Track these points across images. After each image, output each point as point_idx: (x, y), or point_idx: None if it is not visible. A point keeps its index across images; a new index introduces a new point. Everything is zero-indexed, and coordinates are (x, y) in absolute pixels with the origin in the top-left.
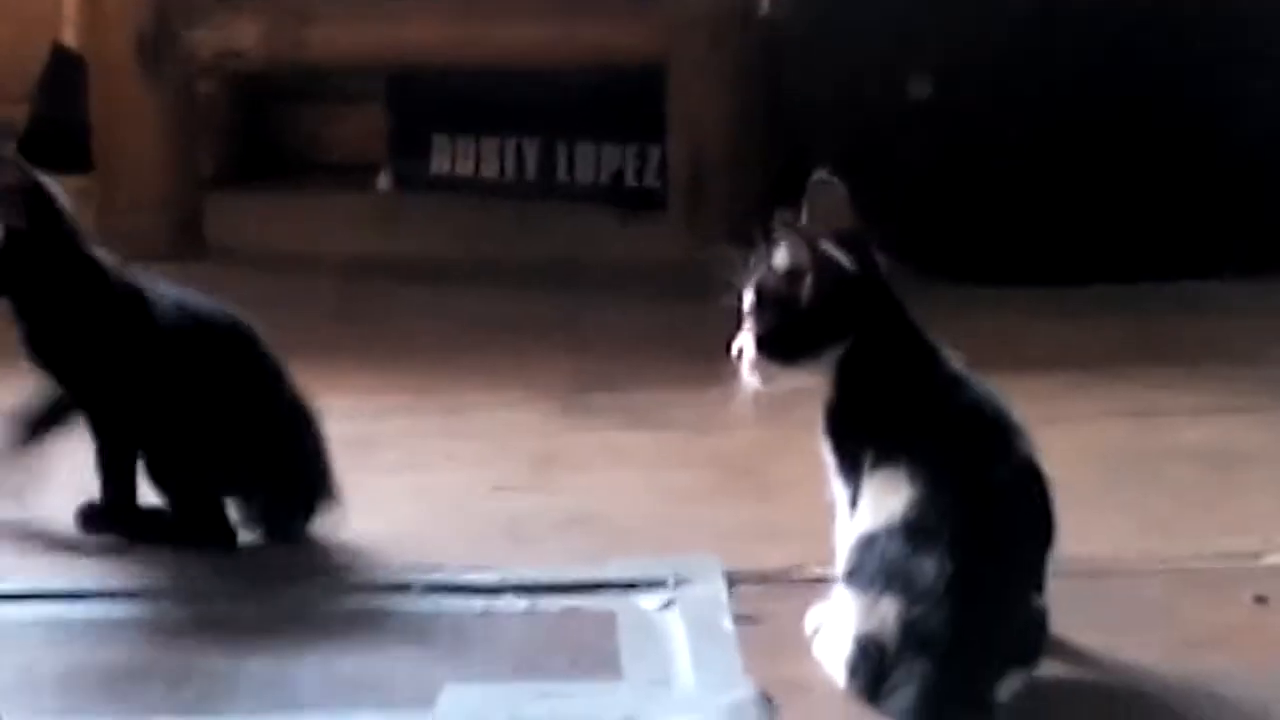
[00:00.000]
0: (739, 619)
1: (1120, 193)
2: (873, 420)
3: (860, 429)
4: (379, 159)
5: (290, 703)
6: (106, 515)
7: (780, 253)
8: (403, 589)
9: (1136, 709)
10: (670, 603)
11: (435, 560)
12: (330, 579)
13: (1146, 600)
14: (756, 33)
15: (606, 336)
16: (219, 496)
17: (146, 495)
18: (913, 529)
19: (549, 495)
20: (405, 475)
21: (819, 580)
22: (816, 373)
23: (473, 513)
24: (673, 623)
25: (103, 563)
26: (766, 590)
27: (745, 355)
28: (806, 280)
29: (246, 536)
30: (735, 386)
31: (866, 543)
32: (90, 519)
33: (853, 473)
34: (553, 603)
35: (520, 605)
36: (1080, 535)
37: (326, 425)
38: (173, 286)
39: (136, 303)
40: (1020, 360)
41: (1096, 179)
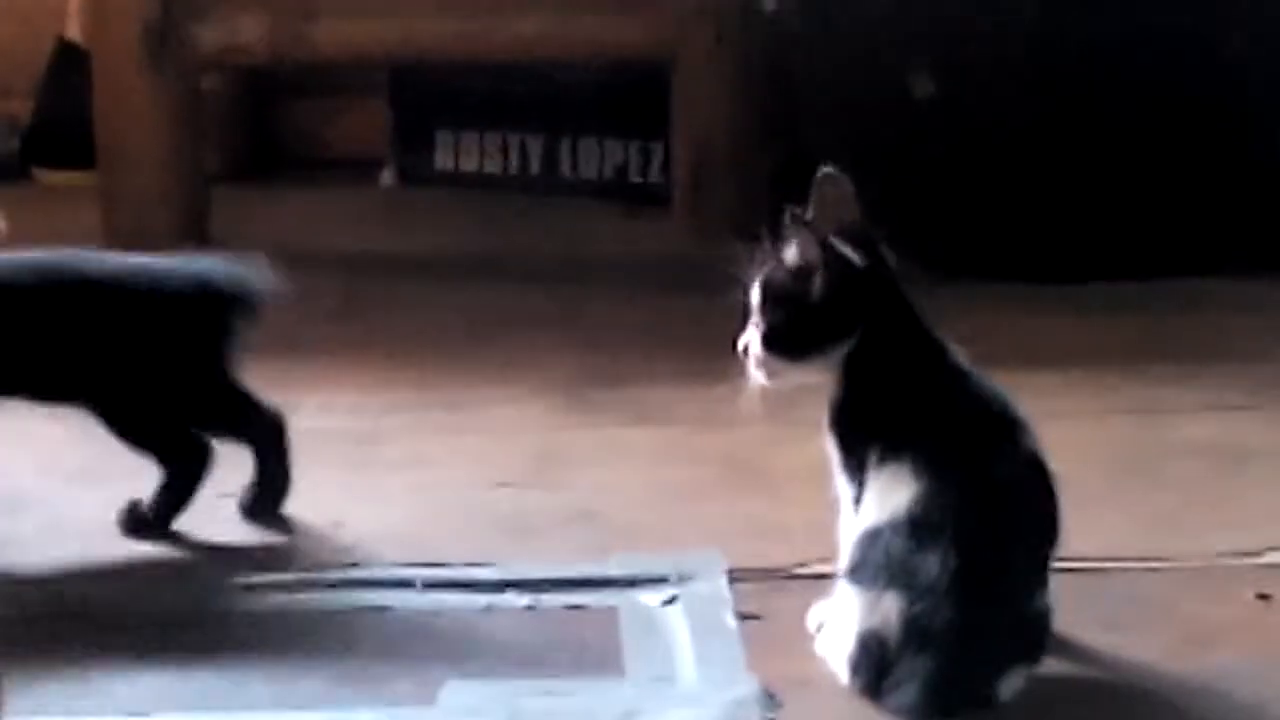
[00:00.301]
0: (741, 615)
1: (1125, 189)
2: (879, 416)
3: (866, 425)
4: (382, 154)
5: (291, 699)
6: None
7: (790, 248)
8: (405, 585)
9: (1138, 706)
10: (673, 599)
11: (437, 556)
12: (332, 575)
13: (1149, 597)
14: (760, 29)
15: (609, 332)
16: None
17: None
18: (917, 525)
19: (551, 491)
20: (407, 471)
21: (822, 577)
22: (823, 369)
23: (475, 508)
24: (675, 619)
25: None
26: (769, 587)
27: (751, 351)
28: (816, 276)
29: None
30: (741, 383)
31: (870, 538)
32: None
33: (858, 469)
34: (555, 599)
35: (522, 601)
36: (1083, 531)
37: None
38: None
39: None
40: (1023, 356)
41: (1101, 176)
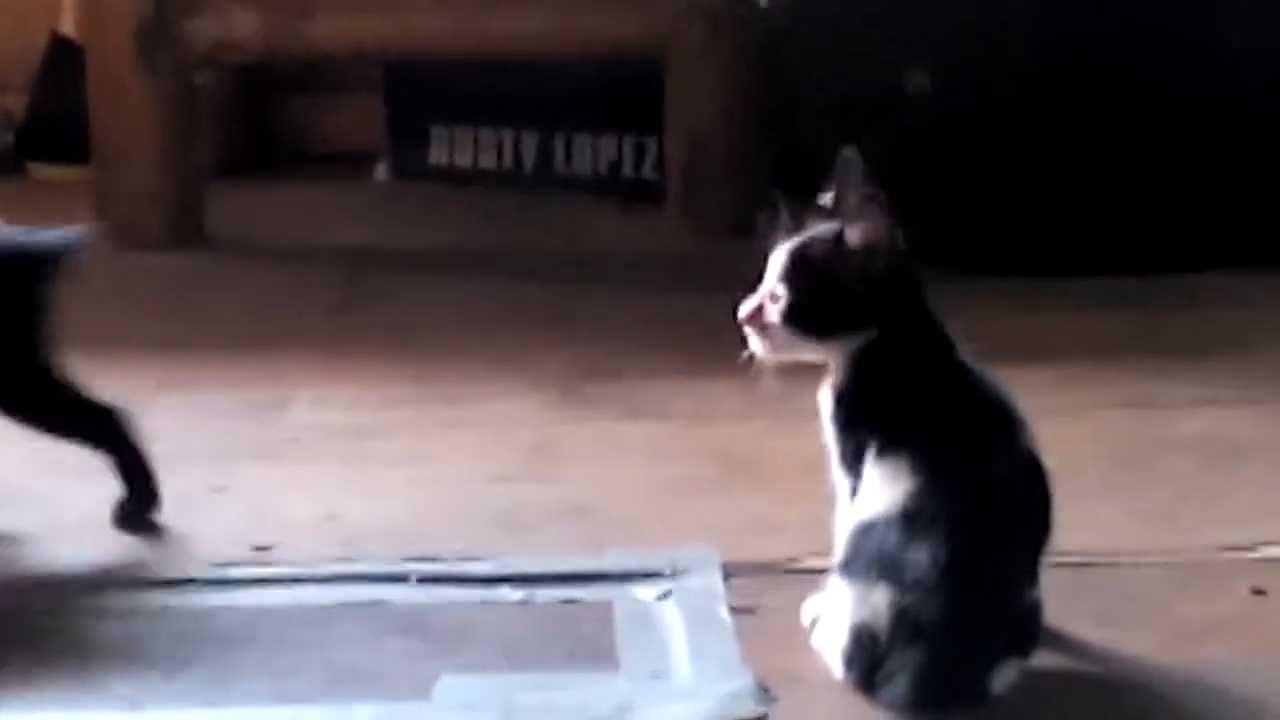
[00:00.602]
0: (736, 610)
1: (1120, 185)
2: (882, 408)
3: (869, 417)
4: (377, 150)
5: (286, 693)
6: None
7: (856, 228)
8: (399, 579)
9: (1131, 700)
10: (668, 593)
11: (432, 550)
12: (327, 569)
13: (1143, 592)
14: (754, 23)
15: (604, 327)
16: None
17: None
18: (910, 519)
19: (546, 486)
20: (403, 465)
21: (816, 571)
22: (832, 353)
23: (470, 503)
24: (670, 613)
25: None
26: (764, 581)
27: (759, 320)
28: (877, 260)
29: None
30: (744, 368)
31: (863, 532)
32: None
33: (856, 462)
34: (550, 593)
35: (517, 596)
36: (1077, 526)
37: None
38: None
39: None
40: (1018, 351)
41: (1097, 171)
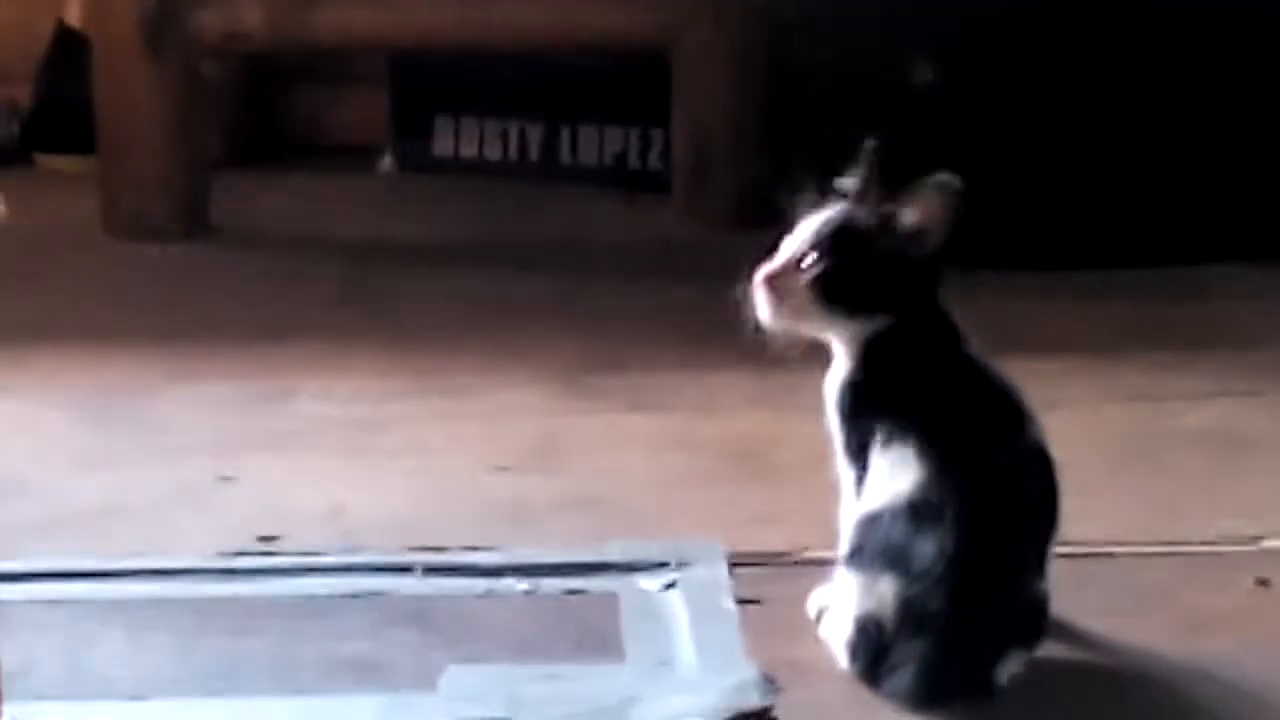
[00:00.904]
0: (741, 601)
1: (1126, 176)
2: (890, 398)
3: (876, 406)
4: (381, 141)
5: (291, 684)
6: None
7: (912, 208)
8: (404, 570)
9: (1137, 691)
10: (672, 584)
11: (436, 541)
12: (331, 560)
13: (1148, 583)
14: (760, 15)
15: (609, 319)
16: None
17: None
18: (917, 509)
19: (551, 477)
20: (407, 456)
21: (821, 562)
22: (846, 333)
23: (474, 494)
24: (675, 604)
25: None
26: (768, 572)
27: (778, 284)
28: (918, 242)
29: None
30: (748, 313)
31: (869, 522)
32: None
33: (860, 452)
34: (554, 584)
35: (522, 587)
36: (1082, 518)
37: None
38: None
39: None
40: (1023, 343)
41: (1102, 162)
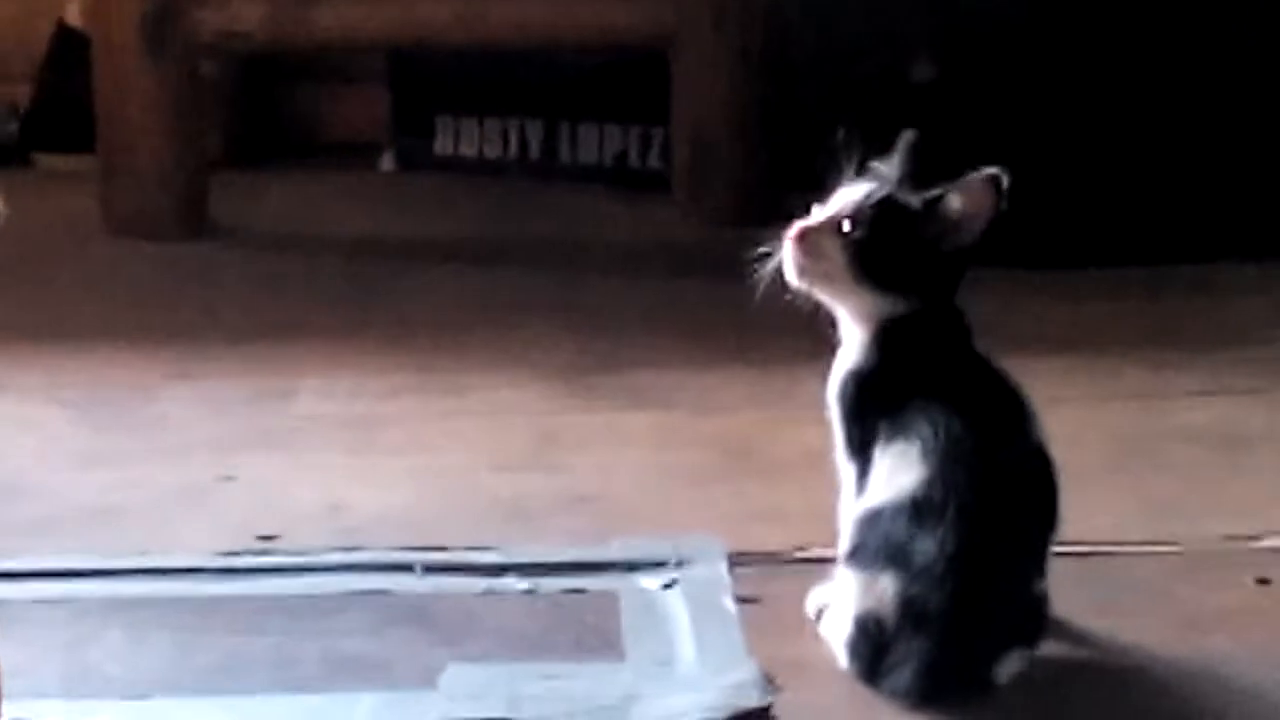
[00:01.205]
0: (741, 599)
1: (1130, 174)
2: (896, 392)
3: (880, 402)
4: (382, 139)
5: (291, 683)
6: None
7: (958, 196)
8: (404, 569)
9: (1136, 690)
10: (672, 583)
11: (437, 540)
12: (331, 558)
13: (1148, 581)
14: (760, 13)
15: (609, 317)
16: None
17: None
18: (918, 507)
19: (551, 475)
20: (407, 454)
21: (821, 560)
22: (862, 312)
23: (475, 492)
24: (675, 603)
25: (99, 541)
26: (768, 570)
27: (811, 241)
28: (959, 230)
29: None
30: (764, 270)
31: (870, 520)
32: None
33: (863, 448)
34: (554, 583)
35: (522, 585)
36: (1083, 516)
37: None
38: None
39: None
40: (1026, 341)
41: (1106, 160)
